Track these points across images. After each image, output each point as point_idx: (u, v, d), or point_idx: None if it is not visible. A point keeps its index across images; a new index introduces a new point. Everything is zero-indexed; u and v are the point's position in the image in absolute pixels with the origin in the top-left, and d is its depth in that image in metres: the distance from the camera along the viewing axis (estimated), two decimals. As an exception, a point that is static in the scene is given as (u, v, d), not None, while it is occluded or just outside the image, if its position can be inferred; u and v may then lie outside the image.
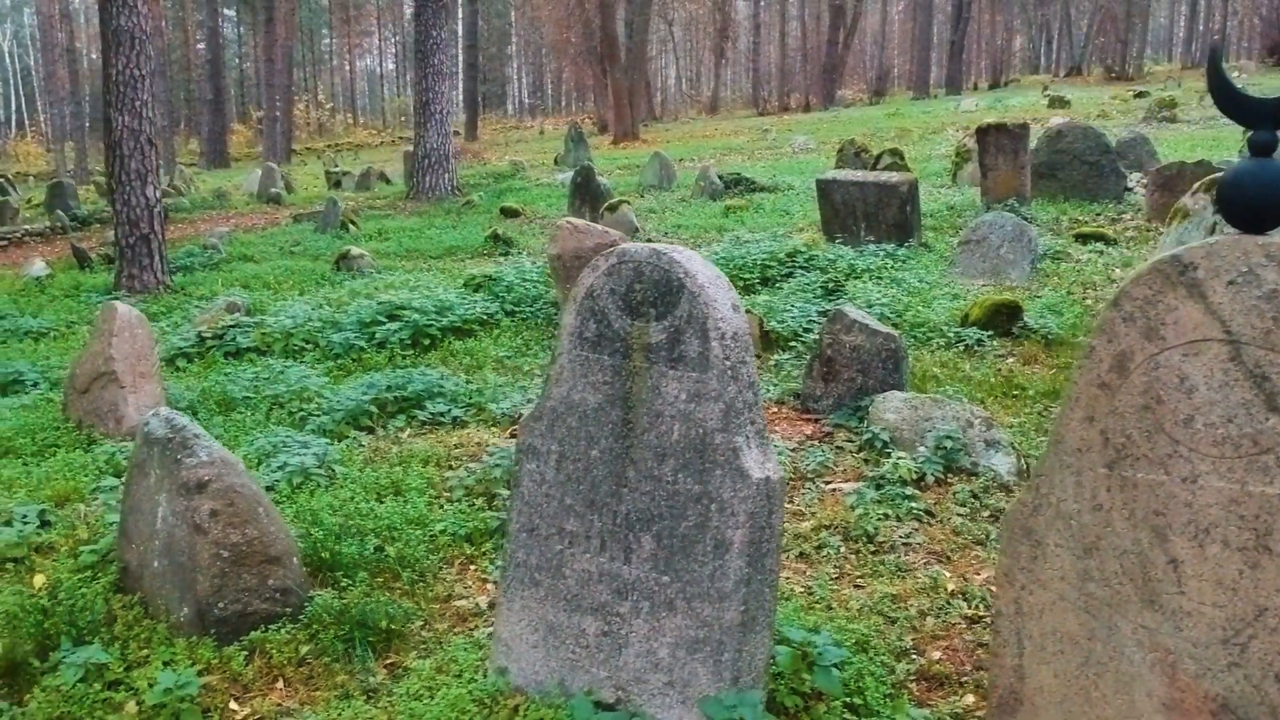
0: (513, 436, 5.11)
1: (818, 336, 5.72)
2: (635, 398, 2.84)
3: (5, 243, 15.11)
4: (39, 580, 3.64)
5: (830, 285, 7.80)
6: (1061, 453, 2.09)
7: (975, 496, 4.42)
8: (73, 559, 3.80)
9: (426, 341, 7.34)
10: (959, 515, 4.29)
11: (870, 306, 7.37)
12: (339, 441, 5.21)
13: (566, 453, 2.97)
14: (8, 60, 78.24)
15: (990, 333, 6.87)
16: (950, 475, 4.59)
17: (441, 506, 4.34)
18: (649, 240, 10.95)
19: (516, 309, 8.05)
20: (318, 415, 5.57)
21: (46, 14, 47.12)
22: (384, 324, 7.48)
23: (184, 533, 3.33)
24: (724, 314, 2.74)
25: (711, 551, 2.74)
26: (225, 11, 58.70)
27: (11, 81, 77.81)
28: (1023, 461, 4.61)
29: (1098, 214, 11.61)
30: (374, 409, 5.48)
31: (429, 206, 16.31)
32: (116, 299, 9.71)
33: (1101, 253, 9.54)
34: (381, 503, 4.31)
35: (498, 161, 25.63)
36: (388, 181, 22.69)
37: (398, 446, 5.12)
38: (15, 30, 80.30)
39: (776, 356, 6.68)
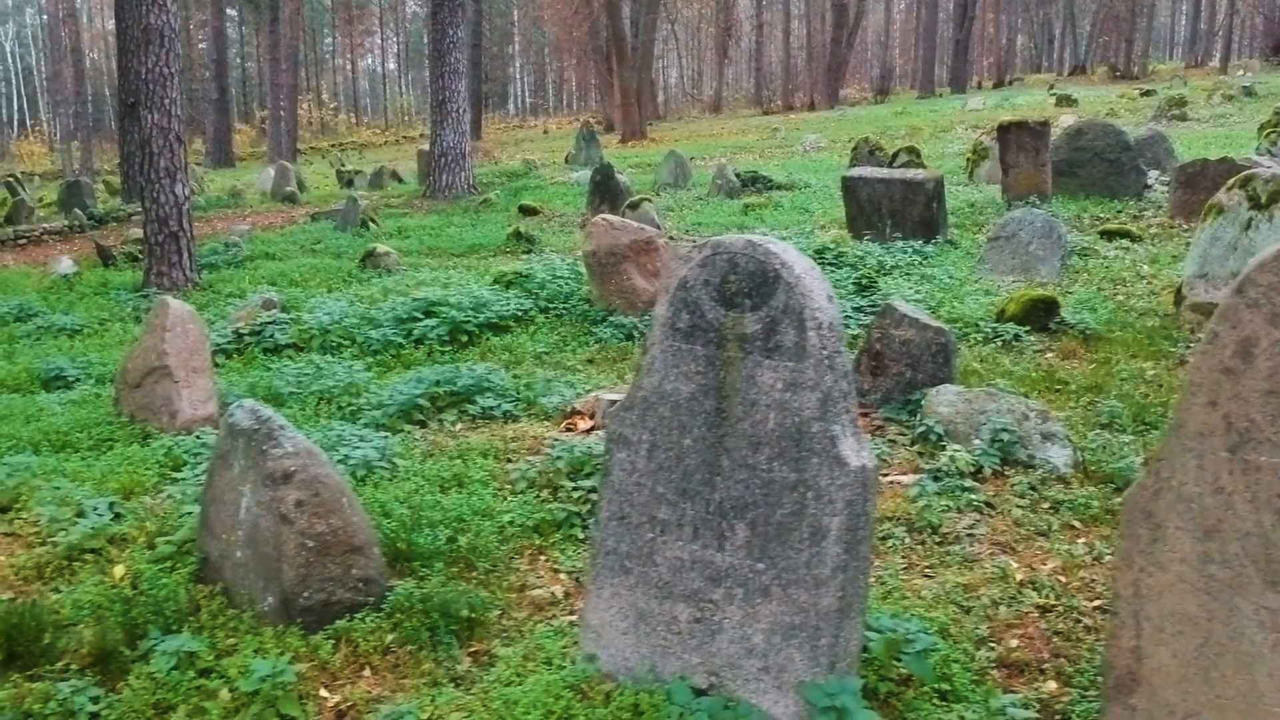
0: (567, 430, 5.16)
1: (865, 331, 5.76)
2: (729, 387, 2.88)
3: (25, 241, 15.16)
4: (119, 571, 3.67)
5: (863, 282, 7.83)
6: (1183, 437, 2.13)
7: (1034, 488, 4.45)
8: (149, 550, 3.84)
9: (464, 338, 7.38)
10: (1019, 507, 4.33)
11: (904, 301, 7.40)
12: (393, 435, 5.24)
13: (658, 442, 3.01)
14: (9, 60, 78.28)
15: (1027, 328, 6.90)
16: (1007, 467, 4.62)
17: (505, 499, 4.37)
18: (670, 238, 11.00)
19: (550, 305, 8.08)
20: (369, 409, 5.61)
21: (54, 15, 47.10)
22: (421, 320, 7.51)
23: (269, 523, 3.36)
24: (820, 304, 2.78)
25: (808, 538, 2.78)
26: (229, 12, 58.74)
27: (13, 81, 77.85)
28: (1079, 454, 4.65)
29: (1118, 211, 11.65)
30: (425, 403, 5.52)
31: (446, 205, 16.35)
32: (146, 296, 9.76)
33: (1127, 249, 9.58)
34: (446, 494, 4.35)
35: (509, 160, 25.67)
36: (400, 180, 22.73)
37: (454, 440, 5.16)
38: (17, 30, 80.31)
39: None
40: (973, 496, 4.37)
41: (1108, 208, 11.80)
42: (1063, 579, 3.79)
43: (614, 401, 5.05)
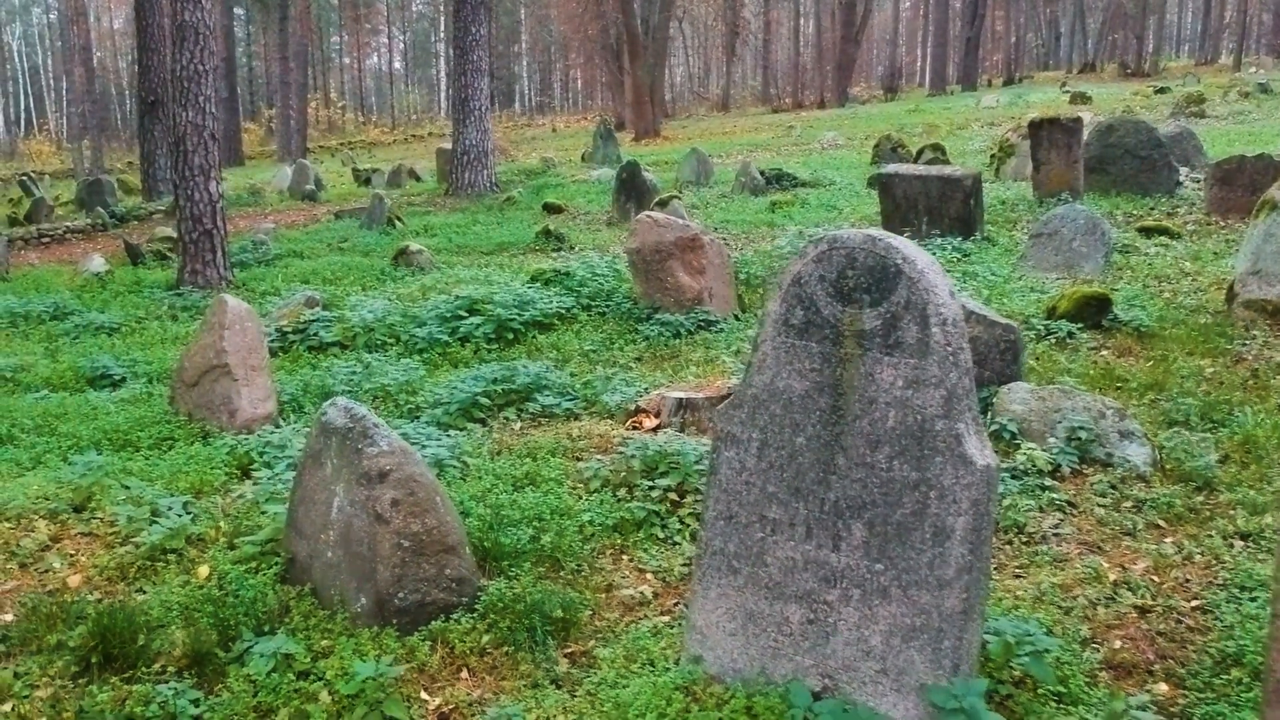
0: (633, 428, 5.11)
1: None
2: (846, 384, 2.83)
3: (48, 240, 15.13)
4: (204, 571, 3.64)
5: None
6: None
7: (1114, 487, 4.40)
8: (230, 550, 3.80)
9: (510, 336, 7.33)
10: (1101, 506, 4.28)
11: (970, 299, 7.35)
12: (457, 433, 5.20)
13: (769, 440, 2.96)
14: (17, 59, 78.38)
15: (1080, 325, 6.85)
16: (1085, 466, 4.57)
17: (581, 497, 4.33)
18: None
19: (593, 303, 8.03)
20: (428, 408, 5.57)
21: (64, 14, 47.09)
22: (465, 319, 7.47)
23: (364, 522, 3.32)
24: (944, 299, 2.73)
25: (930, 539, 2.73)
26: (235, 11, 58.72)
27: (20, 80, 77.97)
28: (1157, 453, 4.60)
29: (1151, 208, 11.58)
30: (485, 401, 5.47)
31: (469, 203, 16.31)
32: (181, 294, 9.73)
33: (1167, 246, 9.51)
34: (521, 493, 4.30)
35: (525, 158, 25.63)
36: (418, 178, 22.69)
37: (519, 438, 5.12)
38: (24, 30, 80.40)
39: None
40: (1054, 495, 4.32)
41: (1139, 204, 11.73)
42: (1156, 579, 3.74)
43: (680, 400, 5.01)
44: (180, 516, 4.05)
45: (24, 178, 29.31)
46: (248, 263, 11.49)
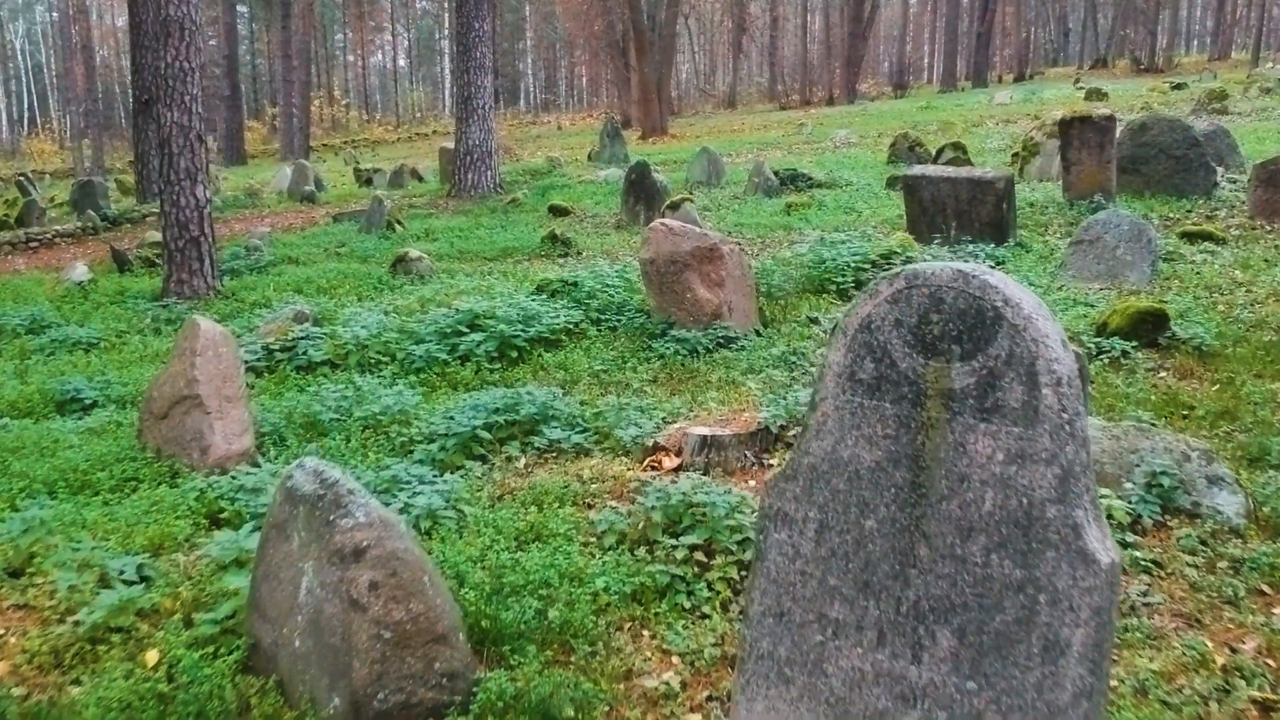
0: (651, 469, 4.56)
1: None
2: (930, 456, 2.27)
3: (36, 244, 14.60)
4: (152, 658, 3.09)
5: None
6: None
7: (1204, 543, 3.84)
8: (186, 628, 3.25)
9: (514, 354, 6.79)
10: (1192, 567, 3.71)
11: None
12: (454, 474, 4.65)
13: (830, 521, 2.40)
14: (20, 57, 78.07)
15: (1134, 343, 6.28)
16: (1168, 517, 4.01)
17: (594, 555, 3.78)
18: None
19: (603, 317, 7.48)
20: (423, 442, 5.02)
21: (64, 12, 46.64)
22: (466, 335, 6.93)
23: (337, 609, 2.77)
24: (1056, 353, 2.17)
25: (1039, 654, 2.17)
26: (239, 8, 58.20)
27: (24, 79, 77.67)
28: (1250, 501, 4.03)
29: (1188, 210, 11.00)
30: (486, 435, 4.92)
31: (473, 205, 15.74)
32: (166, 305, 9.19)
33: (1214, 253, 8.93)
34: (525, 551, 3.75)
35: (530, 157, 25.07)
36: (420, 179, 22.13)
37: (523, 479, 4.56)
38: (27, 28, 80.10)
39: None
40: (1137, 554, 3.76)
41: (1175, 207, 11.15)
42: (1271, 663, 3.18)
43: (705, 438, 4.45)
44: (132, 584, 3.50)
45: (21, 178, 28.74)
46: (239, 270, 10.94)
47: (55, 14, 52.51)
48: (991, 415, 2.20)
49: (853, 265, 8.40)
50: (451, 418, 5.10)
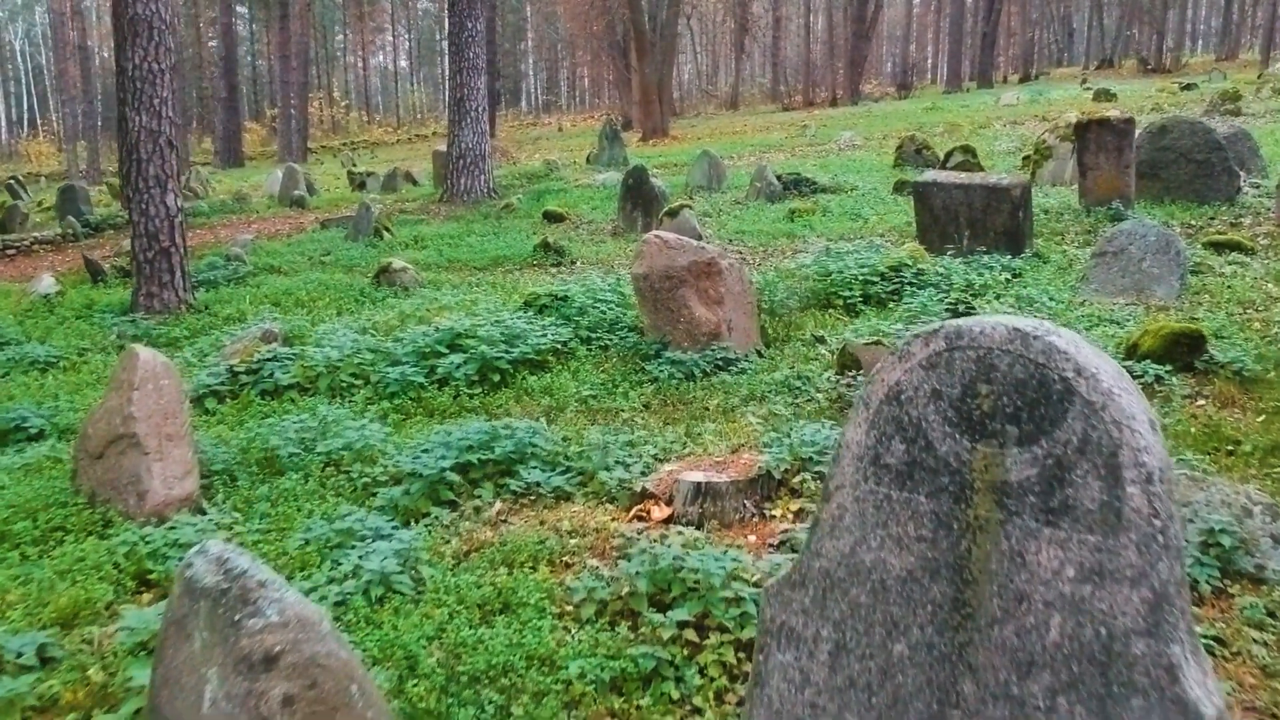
0: (637, 519, 4.05)
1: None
2: (977, 567, 1.77)
3: (14, 252, 14.09)
4: (37, 771, 2.59)
5: (958, 308, 6.69)
6: None
7: (1273, 615, 3.33)
8: (84, 729, 2.76)
9: (496, 377, 6.29)
10: (1259, 644, 3.21)
11: (1012, 334, 6.27)
12: (418, 523, 4.16)
13: (848, 643, 1.90)
14: (19, 59, 77.75)
15: (1168, 367, 5.77)
16: (1229, 582, 3.50)
17: (570, 631, 3.27)
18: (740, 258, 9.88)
19: (593, 336, 6.99)
20: (386, 484, 4.53)
21: (58, 11, 46.22)
22: (445, 355, 6.43)
23: (244, 727, 2.27)
24: (1144, 439, 1.67)
25: (1122, 830, 1.67)
26: (238, 9, 57.75)
27: (23, 80, 77.37)
28: (1322, 563, 3.52)
29: (1210, 218, 10.49)
30: (456, 478, 4.42)
31: (465, 210, 15.24)
32: (134, 320, 8.70)
33: (1244, 264, 8.42)
34: (490, 625, 3.26)
35: (528, 160, 24.56)
36: (414, 182, 21.62)
37: (495, 531, 4.06)
38: (27, 28, 79.83)
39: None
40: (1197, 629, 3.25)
41: (1197, 214, 10.65)
42: None
43: (699, 486, 3.94)
44: (30, 670, 3.00)
45: (12, 180, 28.32)
46: (216, 281, 10.43)
47: (50, 14, 51.97)
48: (1059, 518, 1.70)
49: (860, 278, 7.90)
50: (419, 458, 4.60)
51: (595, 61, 62.86)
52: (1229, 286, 7.74)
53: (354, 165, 29.97)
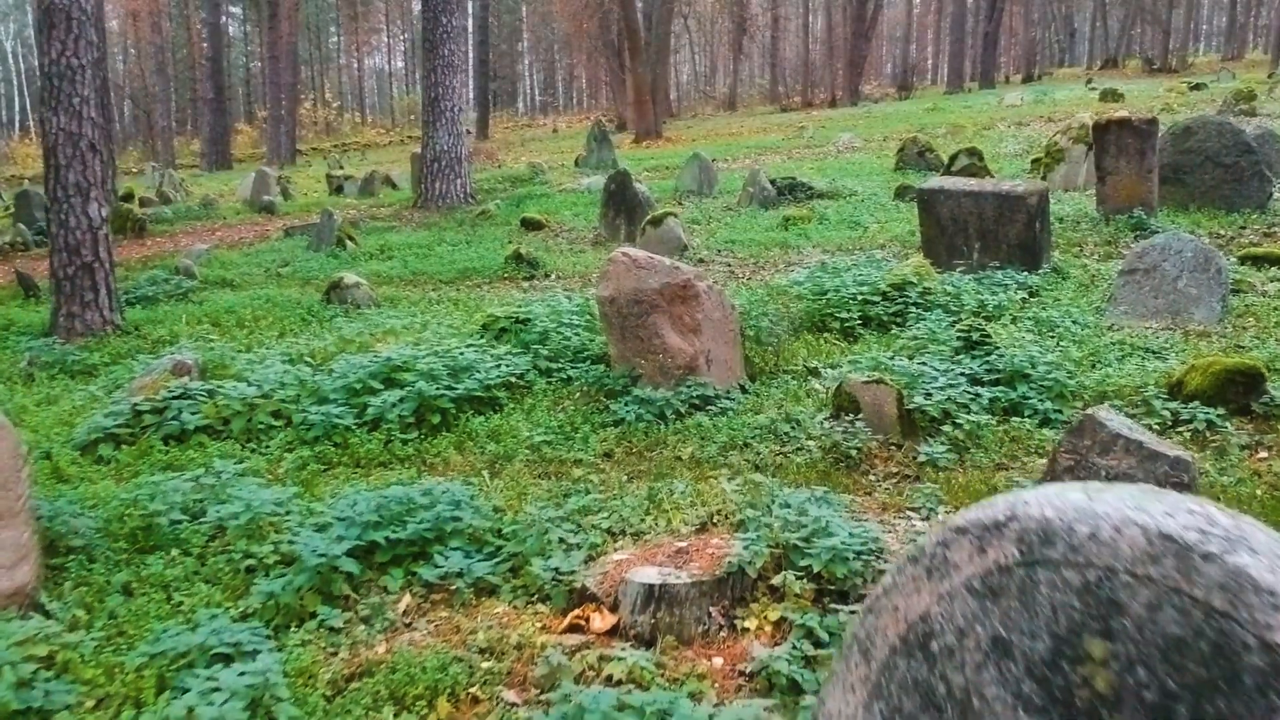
0: (572, 628, 3.18)
1: (1050, 450, 3.77)
2: None
3: (-43, 261, 13.24)
4: None
5: (971, 336, 5.80)
6: None
7: None
8: None
9: (435, 418, 5.42)
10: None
11: (1034, 367, 5.41)
12: (300, 627, 3.29)
13: None
14: (10, 60, 76.96)
15: (1221, 410, 4.91)
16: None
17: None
18: (716, 281, 8.98)
19: (554, 366, 6.13)
20: (274, 567, 3.65)
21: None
22: (379, 392, 5.57)
23: None
24: None
25: None
26: (231, 9, 56.89)
27: (15, 82, 76.57)
28: None
29: (1241, 227, 9.65)
30: (355, 568, 3.54)
31: (439, 216, 14.37)
32: (52, 344, 7.83)
33: (1288, 281, 7.55)
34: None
35: (513, 163, 23.69)
36: (394, 186, 20.75)
37: (390, 645, 3.18)
38: (19, 29, 79.04)
39: (925, 449, 4.72)
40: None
41: (1225, 222, 9.80)
42: None
43: (651, 590, 3.07)
44: None
45: (-14, 185, 27.36)
46: (155, 297, 9.54)
47: (34, 16, 51.14)
48: None
49: (859, 298, 7.04)
50: (316, 533, 3.73)
51: (591, 62, 62.06)
52: (1276, 308, 6.88)
53: (340, 168, 29.09)
